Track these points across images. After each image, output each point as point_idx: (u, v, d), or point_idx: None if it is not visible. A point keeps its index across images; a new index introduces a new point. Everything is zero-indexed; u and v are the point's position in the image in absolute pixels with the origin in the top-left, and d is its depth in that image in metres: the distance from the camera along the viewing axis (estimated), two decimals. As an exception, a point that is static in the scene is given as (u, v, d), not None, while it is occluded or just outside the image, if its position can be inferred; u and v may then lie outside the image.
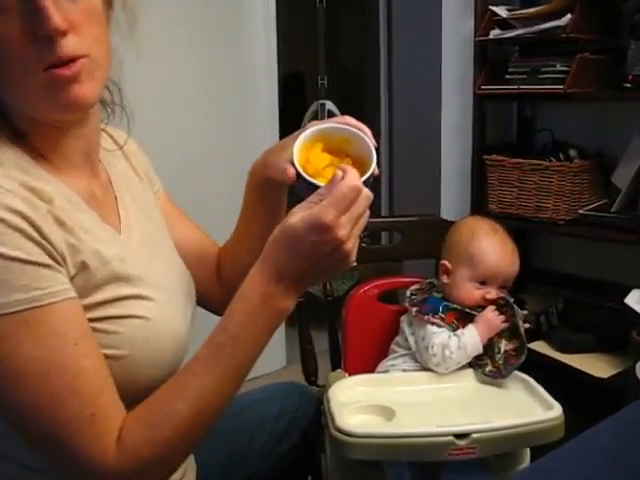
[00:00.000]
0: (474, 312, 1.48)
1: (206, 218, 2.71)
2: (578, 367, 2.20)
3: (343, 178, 0.86)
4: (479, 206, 2.56)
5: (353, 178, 0.87)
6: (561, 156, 2.39)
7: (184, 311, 1.07)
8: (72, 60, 0.85)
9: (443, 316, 1.48)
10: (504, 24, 2.43)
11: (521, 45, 2.58)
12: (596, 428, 0.93)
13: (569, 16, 2.21)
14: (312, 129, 0.98)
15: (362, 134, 0.97)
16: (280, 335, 3.10)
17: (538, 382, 1.41)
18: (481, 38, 2.45)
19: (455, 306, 1.50)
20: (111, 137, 1.15)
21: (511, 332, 1.46)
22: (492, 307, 1.47)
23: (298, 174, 0.92)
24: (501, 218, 2.37)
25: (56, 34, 0.82)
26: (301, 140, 0.96)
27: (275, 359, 3.17)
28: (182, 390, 0.88)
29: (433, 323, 1.47)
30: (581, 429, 1.18)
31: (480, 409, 1.35)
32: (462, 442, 1.21)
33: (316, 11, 3.43)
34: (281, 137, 3.02)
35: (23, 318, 0.80)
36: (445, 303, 1.50)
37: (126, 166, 1.16)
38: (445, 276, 1.54)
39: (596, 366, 2.19)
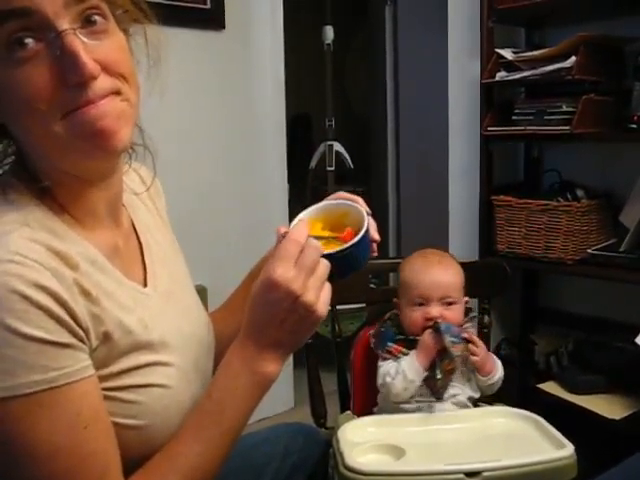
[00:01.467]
0: (418, 338, 1.49)
1: (212, 259, 2.72)
2: (589, 408, 2.19)
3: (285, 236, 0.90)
4: (487, 247, 2.56)
5: (295, 233, 0.90)
6: (569, 196, 2.40)
7: (204, 369, 1.06)
8: (102, 97, 0.83)
9: (390, 348, 1.50)
10: (510, 66, 2.45)
11: (527, 86, 2.61)
12: (608, 474, 0.92)
13: (574, 58, 2.23)
14: (308, 211, 1.01)
15: (355, 204, 1.02)
16: (288, 376, 3.09)
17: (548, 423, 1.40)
18: (487, 80, 2.48)
19: (401, 337, 1.52)
20: (139, 176, 1.14)
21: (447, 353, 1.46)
22: (428, 331, 1.47)
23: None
24: (510, 258, 2.40)
25: (89, 80, 0.81)
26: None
27: (283, 400, 3.15)
28: (173, 461, 0.89)
29: (380, 356, 1.51)
30: (593, 472, 1.21)
31: (491, 448, 1.33)
32: None
33: (324, 53, 3.48)
34: (289, 178, 3.06)
35: (39, 399, 0.78)
36: (396, 335, 1.53)
37: (150, 207, 1.15)
38: (398, 311, 1.57)
39: (608, 407, 2.17)
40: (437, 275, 1.51)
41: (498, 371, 1.52)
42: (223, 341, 1.08)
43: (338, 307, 1.80)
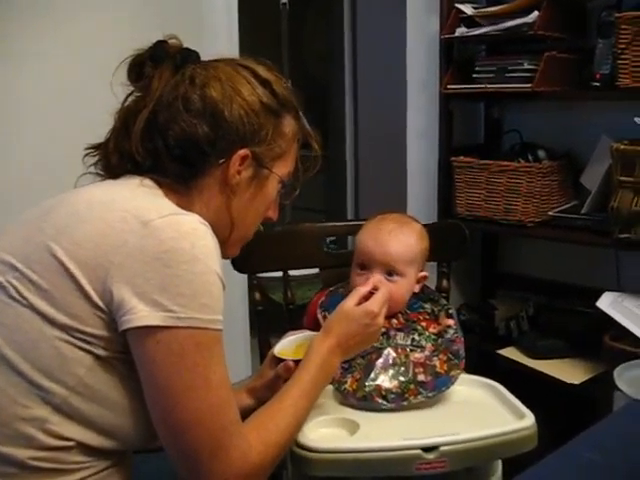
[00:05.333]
0: None
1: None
2: (549, 373, 2.17)
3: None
4: (446, 209, 2.50)
5: (384, 292, 1.29)
6: (529, 157, 2.34)
7: None
8: None
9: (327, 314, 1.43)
10: (470, 22, 2.38)
11: (488, 44, 2.54)
12: (576, 441, 0.90)
13: (536, 13, 2.17)
14: (290, 339, 1.36)
15: None
16: (245, 345, 3.01)
17: (508, 389, 1.36)
18: (447, 36, 2.40)
19: None
20: None
21: None
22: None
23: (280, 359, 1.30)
24: (469, 221, 2.34)
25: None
26: (282, 347, 1.34)
27: (240, 370, 3.06)
28: (284, 411, 1.12)
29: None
30: (553, 437, 1.18)
31: (449, 420, 1.28)
32: (430, 456, 1.14)
33: (279, 12, 3.36)
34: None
35: (217, 337, 0.99)
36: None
37: None
38: None
39: (568, 372, 2.16)
40: (383, 242, 1.44)
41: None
42: None
43: (292, 273, 1.73)
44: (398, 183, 2.65)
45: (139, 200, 1.04)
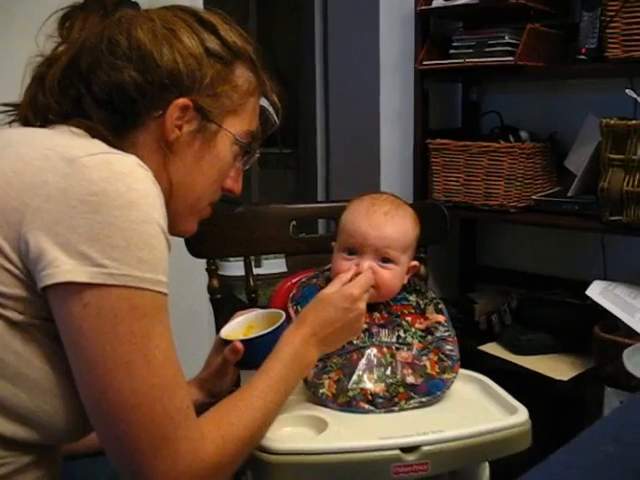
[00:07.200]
0: None
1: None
2: (535, 369, 2.03)
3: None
4: (422, 195, 2.36)
5: (366, 275, 1.22)
6: (511, 138, 2.20)
7: None
8: None
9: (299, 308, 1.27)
10: (448, -5, 2.23)
11: (466, 19, 2.40)
12: (588, 434, 0.79)
13: (518, -18, 2.03)
14: (243, 317, 1.22)
15: (280, 311, 1.21)
16: (210, 341, 2.84)
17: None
18: (423, 8, 2.26)
19: None
20: None
21: None
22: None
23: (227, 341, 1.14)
24: (447, 207, 2.17)
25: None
26: (231, 329, 1.20)
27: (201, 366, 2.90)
28: (248, 401, 0.98)
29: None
30: (541, 439, 1.13)
31: (432, 417, 1.14)
32: (410, 457, 1.02)
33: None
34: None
35: (160, 302, 0.84)
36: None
37: None
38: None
39: (555, 368, 2.02)
40: (378, 224, 1.27)
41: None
42: None
43: (258, 272, 1.60)
44: (371, 168, 2.50)
45: (66, 139, 0.90)
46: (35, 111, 0.97)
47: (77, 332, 0.80)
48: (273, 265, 2.80)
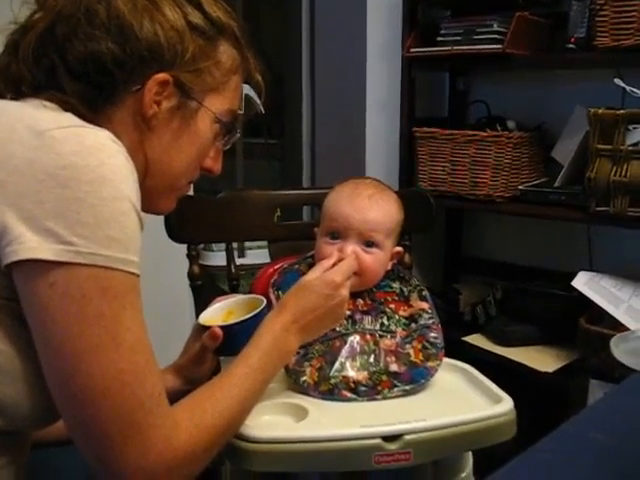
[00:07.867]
0: None
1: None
2: (520, 361, 2.02)
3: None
4: (408, 184, 2.34)
5: (349, 262, 1.19)
6: (498, 128, 2.17)
7: None
8: None
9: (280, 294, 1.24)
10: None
11: (454, 7, 2.38)
12: (576, 420, 0.79)
13: (506, -31, 2.01)
14: (217, 306, 1.20)
15: (261, 297, 1.19)
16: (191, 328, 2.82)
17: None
18: (411, -7, 2.23)
19: None
20: None
21: None
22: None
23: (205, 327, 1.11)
24: (433, 197, 2.15)
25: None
26: (210, 314, 1.17)
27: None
28: (226, 390, 0.95)
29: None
30: (525, 430, 1.11)
31: (414, 406, 1.11)
32: (392, 446, 0.99)
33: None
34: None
35: (132, 283, 0.80)
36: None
37: None
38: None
39: (539, 359, 2.02)
40: (362, 207, 1.24)
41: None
42: None
43: (241, 262, 1.57)
44: (357, 158, 2.48)
45: (37, 112, 0.85)
46: (7, 82, 0.93)
47: (43, 313, 0.77)
48: (257, 255, 2.77)
